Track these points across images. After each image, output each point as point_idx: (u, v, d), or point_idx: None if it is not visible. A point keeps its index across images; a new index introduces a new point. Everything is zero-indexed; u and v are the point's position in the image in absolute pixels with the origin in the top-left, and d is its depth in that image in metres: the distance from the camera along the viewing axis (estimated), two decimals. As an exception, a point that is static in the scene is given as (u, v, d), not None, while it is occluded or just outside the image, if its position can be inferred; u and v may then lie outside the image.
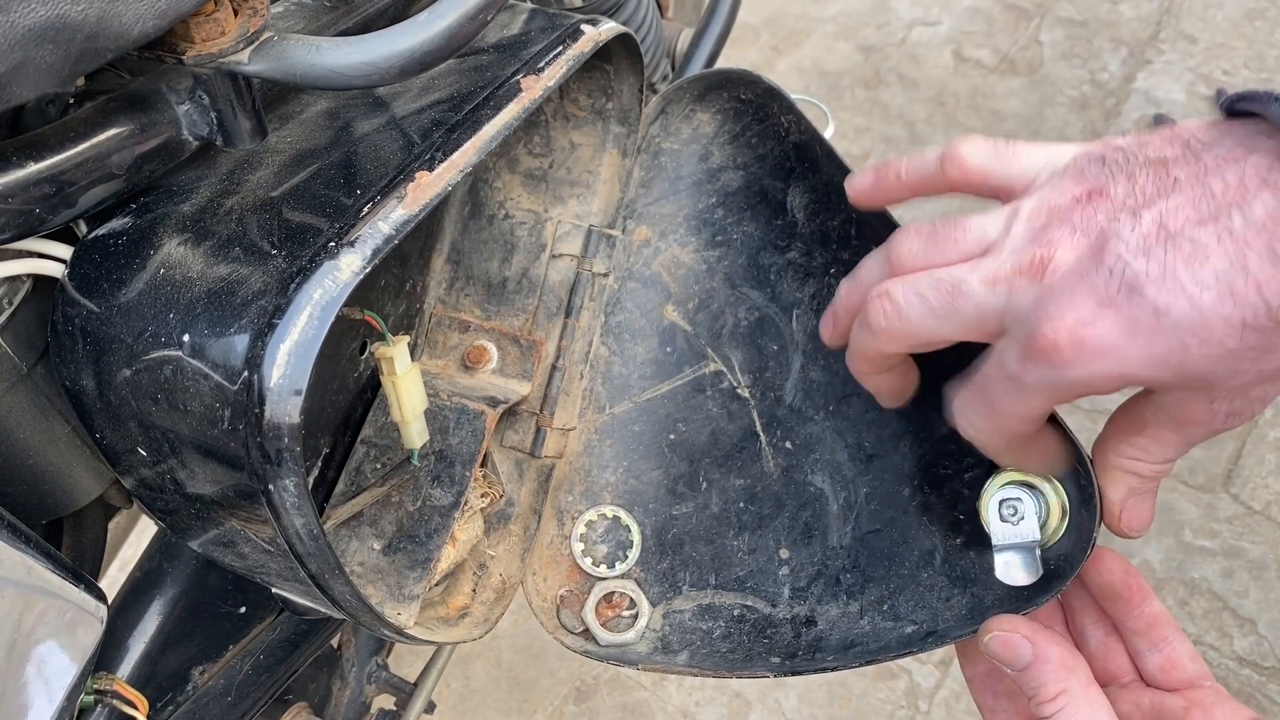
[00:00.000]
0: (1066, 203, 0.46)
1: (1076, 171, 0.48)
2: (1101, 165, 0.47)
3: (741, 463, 0.66)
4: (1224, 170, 0.43)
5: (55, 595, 0.45)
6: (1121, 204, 0.45)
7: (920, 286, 0.50)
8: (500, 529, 0.67)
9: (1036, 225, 0.47)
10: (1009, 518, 0.54)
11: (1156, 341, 0.43)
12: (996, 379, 0.48)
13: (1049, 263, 0.45)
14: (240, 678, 0.70)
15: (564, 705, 1.47)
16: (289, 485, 0.42)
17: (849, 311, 0.56)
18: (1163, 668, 0.54)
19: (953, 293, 0.48)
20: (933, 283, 0.49)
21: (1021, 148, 0.52)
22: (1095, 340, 0.44)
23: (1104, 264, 0.44)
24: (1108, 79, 2.16)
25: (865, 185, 0.58)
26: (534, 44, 0.56)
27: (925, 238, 0.51)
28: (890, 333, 0.51)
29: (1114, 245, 0.44)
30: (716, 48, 1.09)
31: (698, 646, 0.61)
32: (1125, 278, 0.43)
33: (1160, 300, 0.42)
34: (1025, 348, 0.46)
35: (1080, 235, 0.45)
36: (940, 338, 0.50)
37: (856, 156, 2.09)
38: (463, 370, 0.67)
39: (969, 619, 0.56)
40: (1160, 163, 0.45)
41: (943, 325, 0.49)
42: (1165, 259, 0.42)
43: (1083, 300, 0.44)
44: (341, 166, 0.49)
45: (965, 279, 0.48)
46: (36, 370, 0.49)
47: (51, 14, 0.36)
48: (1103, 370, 0.44)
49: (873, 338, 0.52)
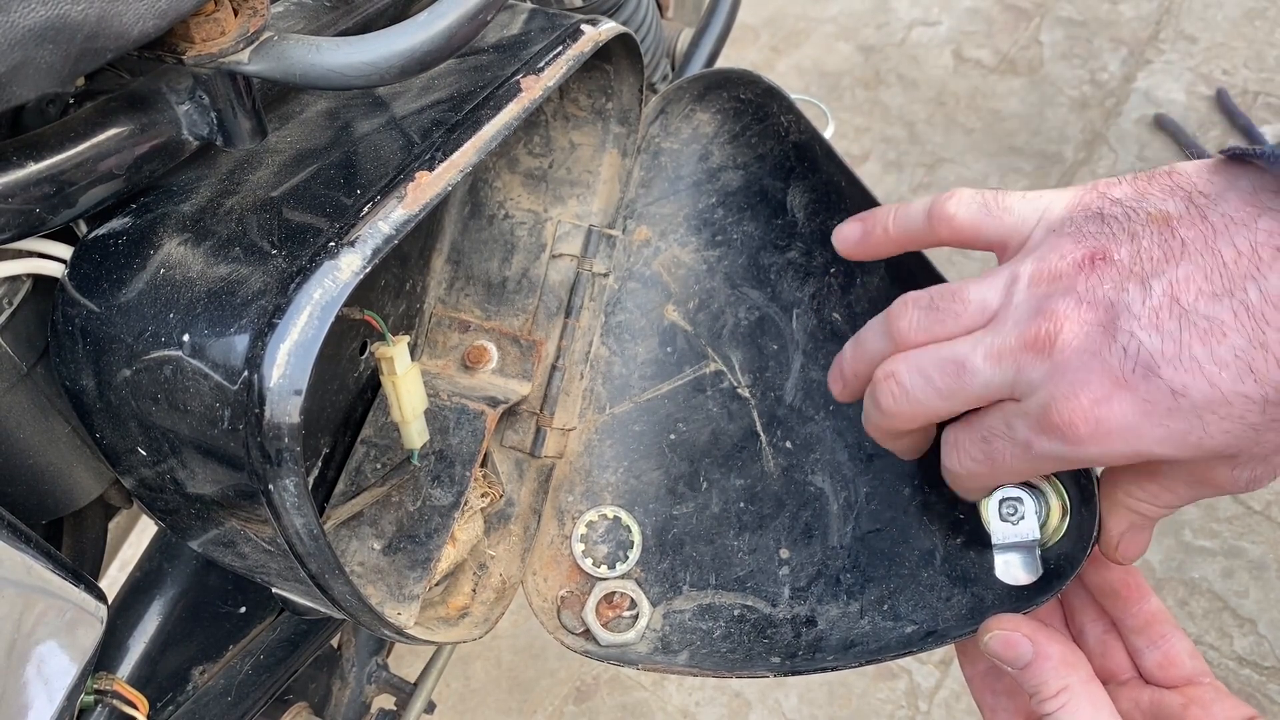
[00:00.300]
0: (1068, 268, 0.45)
1: (1075, 230, 0.46)
2: (1100, 222, 0.45)
3: (742, 463, 0.66)
4: (1233, 234, 0.42)
5: (55, 595, 0.45)
6: (1128, 271, 0.43)
7: (925, 366, 0.49)
8: (500, 529, 0.67)
9: (1039, 294, 0.45)
10: (1009, 517, 0.54)
11: (1174, 421, 0.42)
12: (1003, 439, 0.48)
13: (1056, 337, 0.44)
14: (240, 678, 0.70)
15: (564, 705, 1.47)
16: (289, 485, 0.42)
17: (857, 376, 0.55)
18: (1161, 665, 0.54)
19: (958, 372, 0.47)
20: (937, 362, 0.48)
21: (1012, 200, 0.50)
22: (1112, 421, 0.43)
23: (1116, 341, 0.42)
24: (1108, 79, 2.16)
25: (852, 239, 0.56)
26: (534, 44, 0.56)
27: (925, 310, 0.50)
28: (900, 414, 0.50)
29: (1125, 320, 0.42)
30: (716, 48, 1.09)
31: (698, 646, 0.61)
32: (1140, 358, 0.42)
33: (1177, 380, 0.41)
34: (1038, 421, 0.45)
35: (1087, 307, 0.43)
36: (950, 414, 0.50)
37: (856, 156, 2.09)
38: (463, 370, 0.67)
39: (969, 619, 0.56)
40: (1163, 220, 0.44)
41: (950, 403, 0.48)
42: (1180, 336, 0.41)
43: (1097, 379, 0.43)
44: (341, 166, 0.49)
45: (969, 356, 0.47)
46: (36, 370, 0.49)
47: (51, 14, 0.36)
48: (1118, 449, 0.43)
49: (884, 418, 0.51)
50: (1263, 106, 2.04)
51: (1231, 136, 2.00)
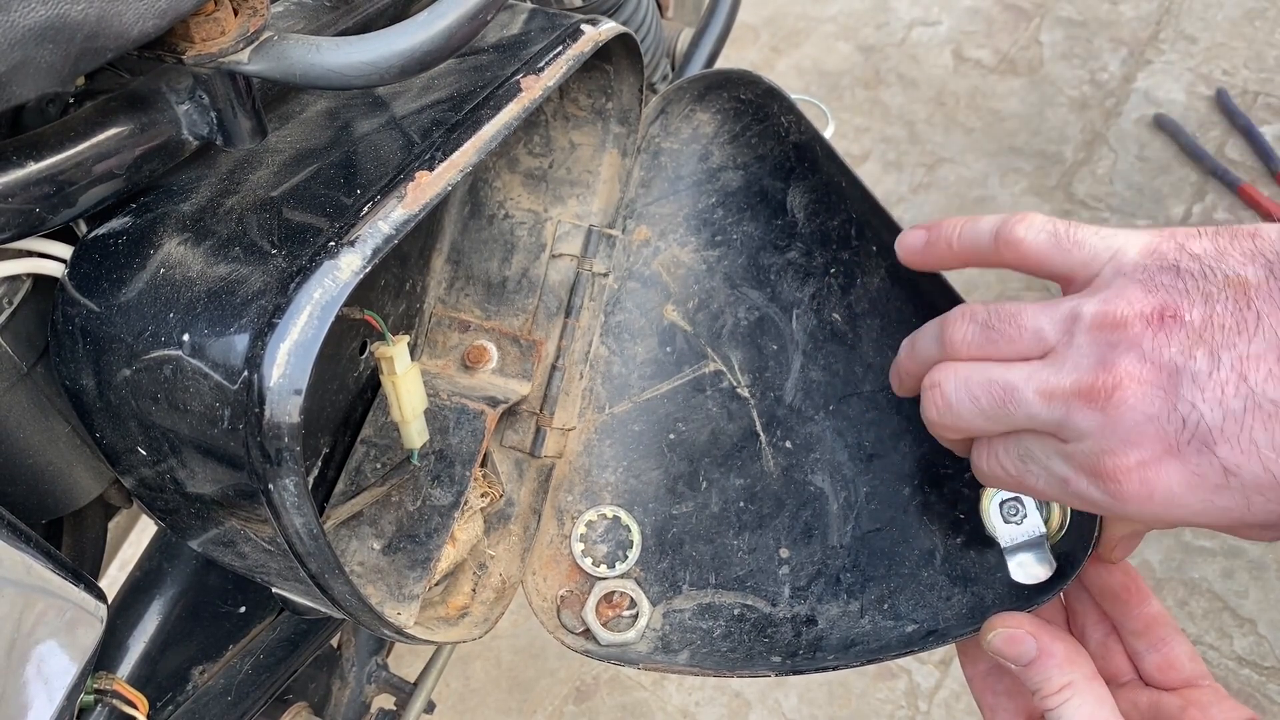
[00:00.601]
0: (1135, 319, 0.43)
1: (1147, 278, 0.44)
2: (1175, 275, 0.44)
3: (741, 462, 0.66)
4: None
5: (55, 595, 0.45)
6: (1198, 335, 0.42)
7: (972, 385, 0.48)
8: (500, 529, 0.67)
9: (1101, 341, 0.44)
10: (1011, 518, 0.54)
11: (1219, 498, 0.42)
12: (1040, 466, 0.47)
13: (1114, 392, 0.43)
14: (240, 677, 0.70)
15: (564, 705, 1.47)
16: (289, 485, 0.42)
17: (910, 375, 0.55)
18: (1161, 667, 0.54)
19: (1004, 398, 0.46)
20: (985, 383, 0.47)
21: (1084, 234, 0.48)
22: (1157, 486, 0.42)
23: (1177, 410, 0.41)
24: (1107, 79, 2.16)
25: (916, 246, 0.55)
26: (534, 44, 0.56)
27: (980, 326, 0.49)
28: (943, 425, 0.50)
29: (1188, 390, 0.41)
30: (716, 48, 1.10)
31: (698, 646, 0.61)
32: (1198, 432, 0.41)
33: (1232, 460, 0.41)
34: (1083, 466, 0.44)
35: (1150, 367, 0.42)
36: (992, 433, 0.49)
37: (856, 156, 2.09)
38: (463, 370, 0.67)
39: (969, 618, 0.56)
40: (1241, 287, 0.42)
41: (992, 425, 0.48)
42: (1243, 418, 0.40)
43: (1150, 443, 0.42)
44: (341, 166, 0.49)
45: (1019, 387, 0.46)
46: (36, 370, 0.49)
47: (51, 13, 0.36)
48: (1155, 513, 0.43)
49: (929, 425, 0.51)
50: (1263, 106, 2.04)
51: (1232, 136, 2.00)
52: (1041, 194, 1.98)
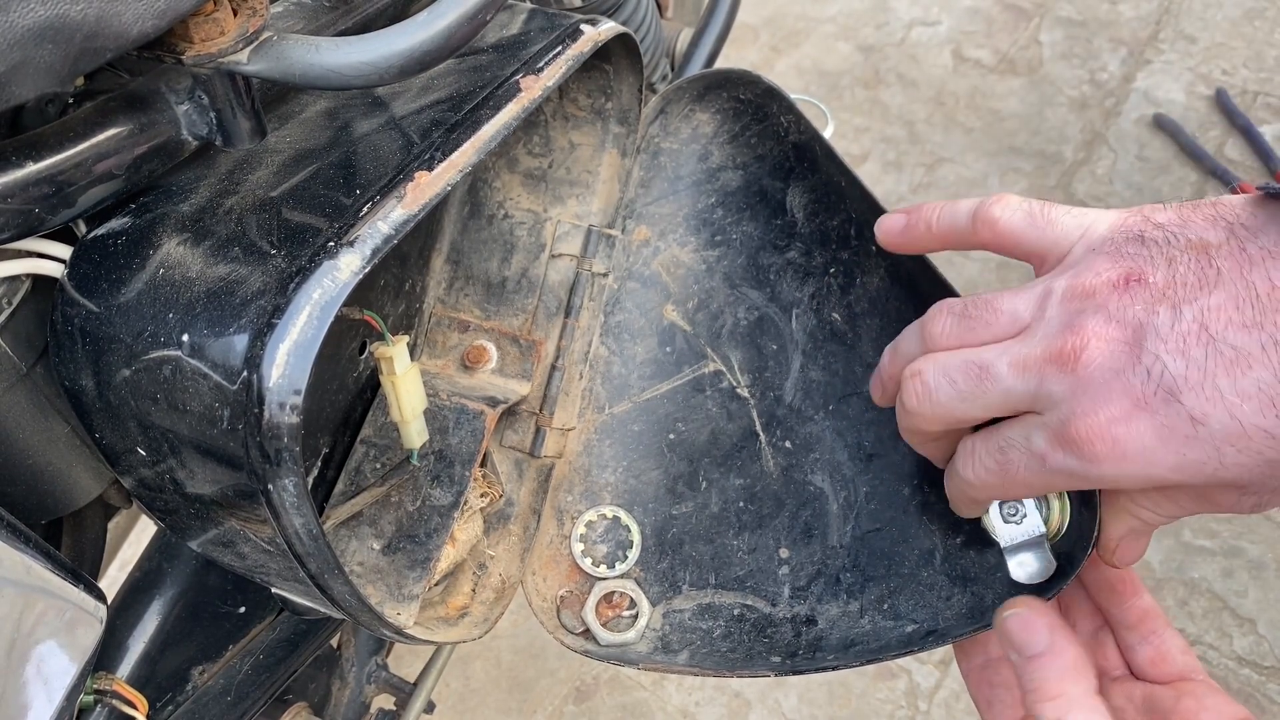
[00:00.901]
0: (1102, 286, 0.45)
1: (1114, 249, 0.46)
2: (1140, 244, 0.45)
3: (741, 462, 0.66)
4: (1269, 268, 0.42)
5: (55, 595, 0.45)
6: (1160, 293, 0.43)
7: (950, 369, 0.49)
8: (500, 529, 0.67)
9: (1070, 310, 0.45)
10: (1011, 518, 0.54)
11: (1190, 449, 0.42)
12: (1020, 450, 0.47)
13: (1081, 352, 0.44)
14: (240, 678, 0.70)
15: (564, 705, 1.47)
16: (288, 485, 0.42)
17: (891, 379, 0.55)
18: (1153, 660, 0.54)
19: (980, 376, 0.47)
20: (962, 365, 0.48)
21: (1057, 213, 0.50)
22: (1129, 442, 0.43)
23: (1141, 362, 0.42)
24: (1107, 79, 2.16)
25: (895, 229, 0.56)
26: (533, 44, 0.56)
27: (958, 317, 0.50)
28: (922, 414, 0.50)
29: (1151, 342, 0.42)
30: (716, 48, 1.10)
31: (698, 646, 0.61)
32: (1163, 381, 0.42)
33: (1197, 409, 0.41)
34: (1056, 435, 0.45)
35: (1116, 325, 0.43)
36: (970, 419, 0.50)
37: (856, 156, 2.09)
38: (462, 370, 0.67)
39: (969, 618, 0.56)
40: (1202, 248, 0.44)
41: (971, 408, 0.48)
42: (1205, 364, 0.41)
43: (1117, 398, 0.43)
44: (341, 166, 0.49)
45: (994, 362, 0.47)
46: (36, 370, 0.49)
47: (51, 14, 0.36)
48: (1131, 471, 0.43)
49: (908, 416, 0.52)
50: (1262, 106, 2.04)
51: (1231, 136, 2.00)
52: (1041, 194, 1.98)
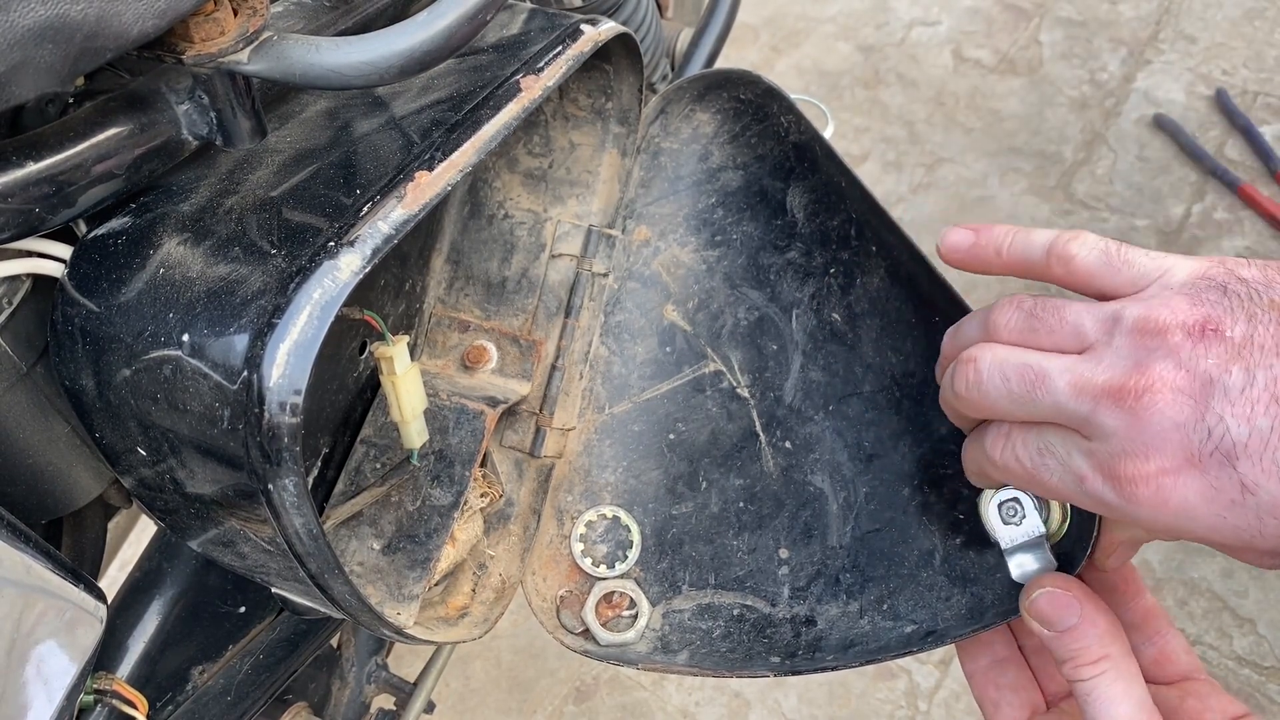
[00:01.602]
0: (1176, 327, 0.44)
1: (1193, 292, 0.45)
2: (1222, 294, 0.44)
3: (741, 462, 0.66)
4: None
5: (55, 595, 0.45)
6: (1236, 351, 0.42)
7: (1006, 365, 0.48)
8: (500, 529, 0.67)
9: (1139, 345, 0.44)
10: (1010, 519, 0.54)
11: (1233, 514, 0.42)
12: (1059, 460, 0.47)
13: (1144, 394, 0.43)
14: (240, 677, 0.70)
15: (564, 705, 1.47)
16: (288, 485, 0.42)
17: (947, 359, 0.55)
18: (1157, 661, 0.54)
19: (1035, 383, 0.47)
20: (1020, 365, 0.48)
21: (1134, 254, 0.49)
22: (1172, 495, 0.42)
23: (1204, 420, 0.42)
24: (1107, 79, 2.16)
25: (961, 246, 0.55)
26: (533, 44, 0.56)
27: (1025, 314, 0.49)
28: (968, 400, 0.50)
29: (1218, 402, 0.41)
30: (716, 48, 1.10)
31: (697, 646, 0.61)
32: (1222, 444, 0.41)
33: (1250, 477, 0.41)
34: (1101, 465, 0.44)
35: (1185, 374, 0.42)
36: (1012, 418, 0.49)
37: (856, 156, 2.09)
38: (462, 370, 0.67)
39: (969, 618, 0.56)
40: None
41: (1017, 409, 0.48)
42: (1268, 435, 0.40)
43: (1172, 450, 0.42)
44: (341, 166, 0.49)
45: (1053, 374, 0.46)
46: (36, 370, 0.49)
47: (51, 13, 0.36)
48: (1166, 523, 0.43)
49: (954, 399, 0.51)
50: (1262, 107, 2.04)
51: (1231, 136, 2.00)
52: (1041, 194, 1.98)
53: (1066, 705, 0.56)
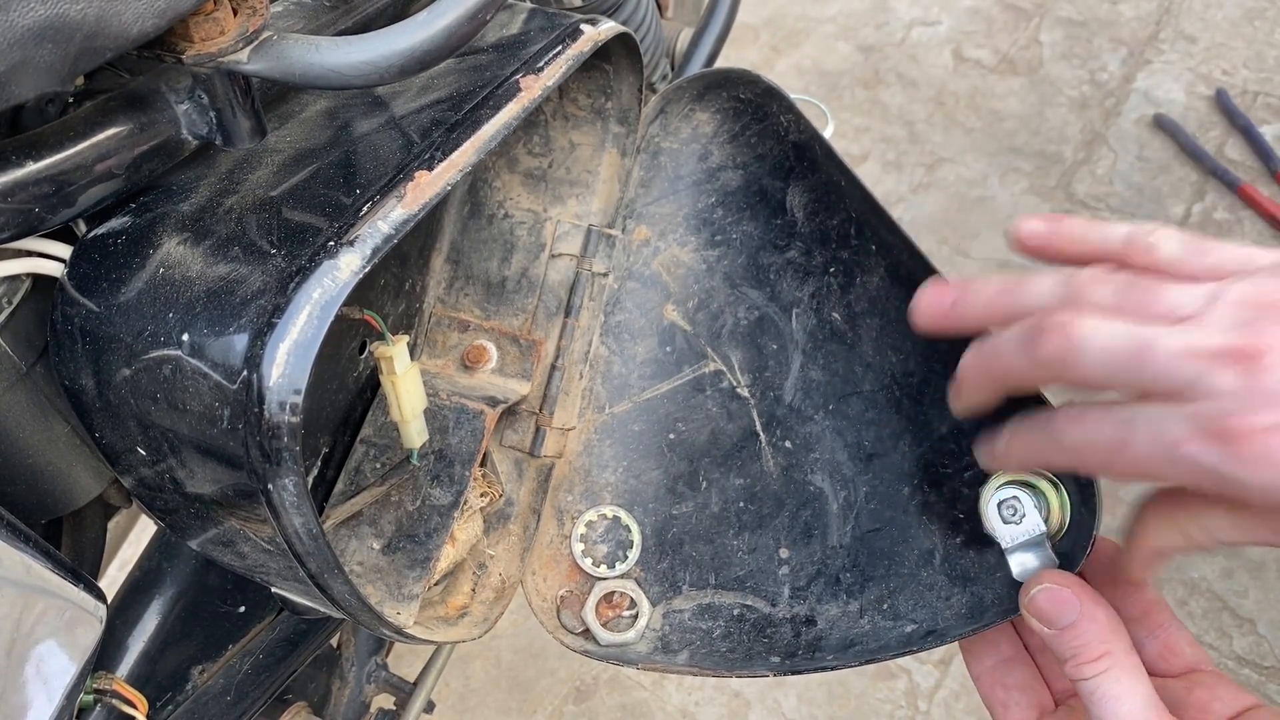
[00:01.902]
0: None
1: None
2: None
3: (741, 462, 0.66)
4: None
5: (55, 595, 0.45)
6: None
7: (1107, 335, 0.46)
8: (500, 529, 0.67)
9: (1247, 314, 0.44)
10: (1010, 519, 0.54)
11: None
12: (1150, 429, 0.45)
13: (1264, 355, 0.42)
14: (240, 677, 0.70)
15: (564, 705, 1.47)
16: (288, 485, 0.42)
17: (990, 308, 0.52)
18: (1162, 654, 0.54)
19: (1140, 351, 0.45)
20: (1122, 332, 0.46)
21: (1215, 246, 0.48)
22: None
23: None
24: (1107, 79, 2.16)
25: (1037, 235, 0.53)
26: (533, 43, 0.56)
27: (1119, 287, 0.48)
28: (1051, 367, 0.47)
29: None
30: (716, 47, 1.10)
31: (697, 646, 0.61)
32: None
33: None
34: (1204, 426, 0.43)
35: None
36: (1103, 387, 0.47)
37: (856, 156, 2.09)
38: (462, 370, 0.67)
39: (969, 618, 0.56)
40: None
41: (1114, 377, 0.46)
42: None
43: None
44: (341, 166, 0.49)
45: (1158, 341, 0.45)
46: (36, 370, 0.49)
47: (51, 13, 0.36)
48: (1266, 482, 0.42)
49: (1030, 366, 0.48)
50: (1262, 107, 2.04)
51: (1231, 136, 2.00)
52: (1041, 194, 1.98)
53: (1074, 703, 0.55)
